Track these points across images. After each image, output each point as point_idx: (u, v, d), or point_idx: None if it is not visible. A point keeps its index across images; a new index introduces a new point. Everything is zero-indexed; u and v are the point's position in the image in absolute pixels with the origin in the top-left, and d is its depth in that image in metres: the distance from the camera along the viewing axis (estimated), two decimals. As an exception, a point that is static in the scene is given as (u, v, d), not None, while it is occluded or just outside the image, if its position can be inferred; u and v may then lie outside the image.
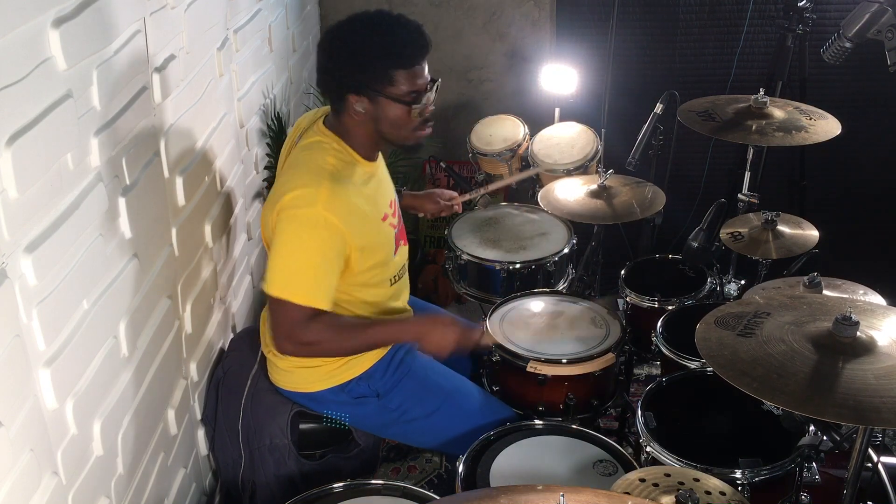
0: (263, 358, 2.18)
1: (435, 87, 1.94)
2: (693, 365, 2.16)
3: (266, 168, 2.90)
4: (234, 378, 2.19)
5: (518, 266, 2.62)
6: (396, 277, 2.15)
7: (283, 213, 1.87)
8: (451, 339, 2.01)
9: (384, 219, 2.05)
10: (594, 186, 2.76)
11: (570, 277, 2.77)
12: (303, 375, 2.08)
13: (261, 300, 2.80)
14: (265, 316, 2.19)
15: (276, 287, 1.87)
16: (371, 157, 2.03)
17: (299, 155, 1.98)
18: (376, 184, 2.06)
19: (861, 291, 2.23)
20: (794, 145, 2.48)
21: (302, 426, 2.13)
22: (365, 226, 1.95)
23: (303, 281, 1.87)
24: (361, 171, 1.99)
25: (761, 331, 1.59)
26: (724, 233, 2.45)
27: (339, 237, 1.88)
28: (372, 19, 1.90)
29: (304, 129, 2.07)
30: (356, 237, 1.91)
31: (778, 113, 2.55)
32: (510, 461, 1.88)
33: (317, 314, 1.88)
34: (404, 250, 2.19)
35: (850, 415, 1.37)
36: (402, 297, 2.22)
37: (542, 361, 2.13)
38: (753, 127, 2.50)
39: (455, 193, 2.62)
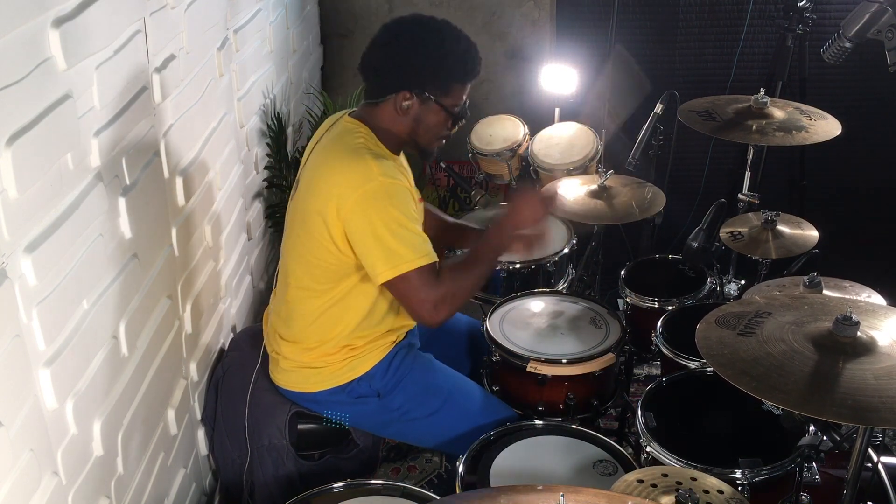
0: (265, 358, 2.18)
1: (467, 104, 2.02)
2: (693, 365, 2.16)
3: (266, 168, 2.90)
4: (233, 378, 2.19)
5: (518, 266, 2.62)
6: None
7: (347, 204, 1.85)
8: (539, 208, 2.00)
9: (420, 200, 2.06)
10: (594, 186, 2.76)
11: (570, 277, 2.77)
12: (304, 376, 2.08)
13: (261, 300, 2.80)
14: (268, 314, 2.20)
15: (386, 272, 1.85)
16: (395, 153, 2.03)
17: (330, 145, 1.97)
18: (404, 170, 2.05)
19: (864, 294, 2.22)
20: (794, 145, 2.48)
21: (301, 427, 2.12)
22: (413, 199, 1.96)
23: (402, 249, 1.85)
24: (389, 157, 1.99)
25: (762, 330, 1.60)
26: (724, 233, 2.45)
27: (409, 196, 1.91)
28: (447, 27, 1.95)
29: (328, 126, 2.07)
30: (414, 199, 1.94)
31: (778, 113, 2.55)
32: (510, 461, 1.88)
33: (434, 268, 1.88)
34: None
35: (849, 415, 1.37)
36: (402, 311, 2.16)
37: (542, 361, 2.13)
38: (753, 127, 2.50)
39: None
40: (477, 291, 2.01)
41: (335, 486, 1.80)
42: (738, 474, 1.74)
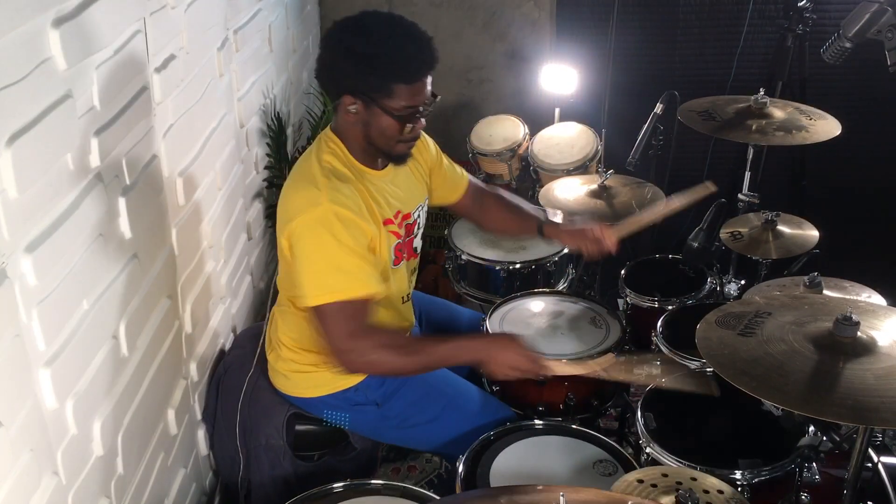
0: (263, 358, 2.18)
1: (432, 104, 1.87)
2: (693, 365, 2.16)
3: (266, 168, 2.90)
4: (233, 377, 2.19)
5: (518, 266, 2.62)
6: (401, 298, 2.10)
7: (292, 226, 1.82)
8: (520, 365, 1.89)
9: (385, 223, 1.96)
10: (594, 186, 2.76)
11: (570, 277, 2.77)
12: (302, 380, 2.07)
13: (261, 300, 2.80)
14: (273, 316, 2.19)
15: (313, 296, 1.81)
16: (369, 164, 1.95)
17: (297, 166, 1.95)
18: (378, 185, 1.98)
19: (864, 294, 2.22)
20: (793, 145, 2.48)
21: (299, 428, 2.12)
22: (367, 221, 1.89)
23: (337, 278, 1.80)
24: (357, 171, 1.94)
25: (762, 330, 1.59)
26: (724, 233, 2.45)
27: (356, 226, 1.83)
28: (384, 23, 1.82)
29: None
30: (368, 227, 1.87)
31: (778, 113, 2.55)
32: (510, 461, 1.88)
33: (367, 307, 1.82)
34: (407, 266, 2.10)
35: (849, 415, 1.37)
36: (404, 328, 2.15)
37: (542, 361, 2.13)
38: (753, 127, 2.50)
39: (601, 235, 2.27)
40: (413, 372, 1.98)
41: (335, 486, 1.79)
42: (738, 475, 1.74)
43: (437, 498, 1.74)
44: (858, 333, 1.52)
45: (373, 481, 1.81)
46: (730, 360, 1.52)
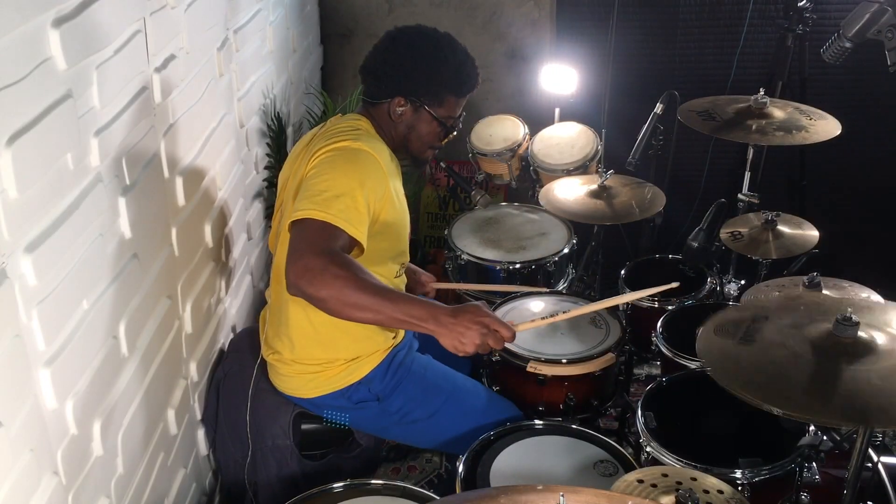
0: (263, 359, 2.17)
1: (461, 118, 2.06)
2: (693, 365, 2.16)
3: (266, 168, 2.90)
4: (235, 378, 2.19)
5: (518, 266, 2.62)
6: (400, 270, 2.14)
7: (321, 152, 1.83)
8: (475, 342, 1.71)
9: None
10: (594, 186, 2.76)
11: (570, 277, 2.77)
12: (304, 381, 2.07)
13: (261, 300, 2.80)
14: (264, 316, 2.19)
15: (304, 210, 1.72)
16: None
17: (326, 134, 1.95)
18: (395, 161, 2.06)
19: (864, 294, 2.22)
20: (793, 145, 2.48)
21: (304, 427, 2.12)
22: (397, 195, 1.95)
23: (337, 204, 1.73)
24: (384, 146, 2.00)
25: (761, 336, 1.59)
26: (724, 233, 2.45)
27: (381, 176, 1.86)
28: (444, 39, 1.98)
29: (316, 132, 2.06)
30: (391, 196, 1.91)
31: (778, 113, 2.55)
32: (510, 461, 1.88)
33: (342, 244, 1.71)
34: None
35: (855, 417, 1.37)
36: None
37: (542, 361, 2.13)
38: (753, 127, 2.50)
39: (432, 279, 2.45)
40: (349, 315, 1.69)
41: (335, 486, 1.80)
42: (738, 474, 1.74)
43: (437, 498, 1.74)
44: (859, 333, 1.51)
45: (373, 481, 1.81)
46: (733, 372, 1.51)
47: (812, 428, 1.80)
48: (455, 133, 2.08)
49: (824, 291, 2.16)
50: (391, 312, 1.69)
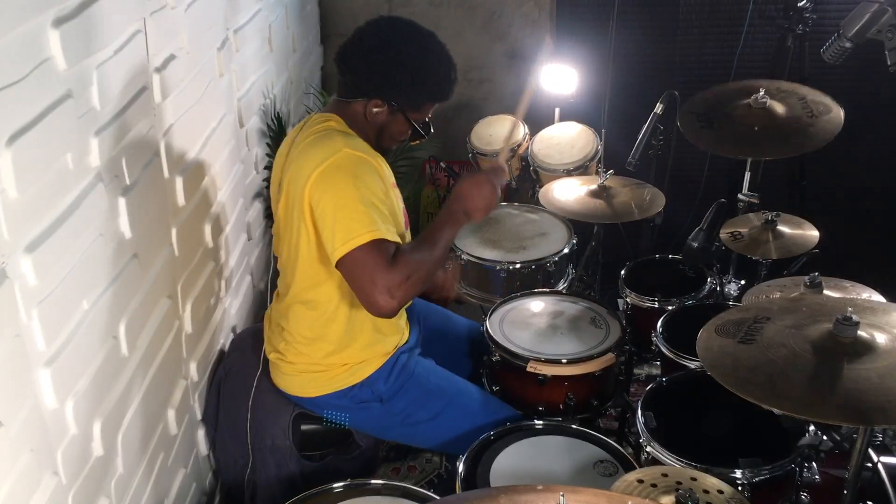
0: (265, 359, 2.17)
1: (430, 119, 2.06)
2: (693, 365, 2.16)
3: (266, 168, 2.90)
4: (235, 379, 2.19)
5: (518, 266, 2.62)
6: None
7: (312, 179, 1.83)
8: (491, 193, 1.91)
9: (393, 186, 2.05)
10: (594, 186, 2.76)
11: (570, 277, 2.77)
12: (306, 380, 2.07)
13: (261, 300, 2.80)
14: (269, 315, 2.19)
15: (340, 247, 1.78)
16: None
17: (303, 141, 1.95)
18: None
19: (864, 294, 2.22)
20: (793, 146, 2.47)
21: (304, 428, 2.12)
22: (382, 181, 1.94)
23: (360, 222, 1.79)
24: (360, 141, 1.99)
25: (762, 336, 1.59)
26: (724, 233, 2.45)
27: (372, 169, 1.88)
28: (433, 47, 1.95)
29: (299, 129, 2.06)
30: (382, 169, 1.94)
31: (779, 108, 2.53)
32: (510, 461, 1.88)
33: (390, 248, 1.80)
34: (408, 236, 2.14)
35: (856, 417, 1.37)
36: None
37: (542, 361, 2.13)
38: (756, 128, 2.49)
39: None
40: (432, 278, 1.91)
41: (335, 486, 1.80)
42: (738, 474, 1.73)
43: (437, 498, 1.74)
44: (859, 332, 1.51)
45: (373, 481, 1.81)
46: (732, 370, 1.51)
47: (812, 428, 1.80)
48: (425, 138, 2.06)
49: (825, 292, 2.15)
50: (442, 254, 1.90)
